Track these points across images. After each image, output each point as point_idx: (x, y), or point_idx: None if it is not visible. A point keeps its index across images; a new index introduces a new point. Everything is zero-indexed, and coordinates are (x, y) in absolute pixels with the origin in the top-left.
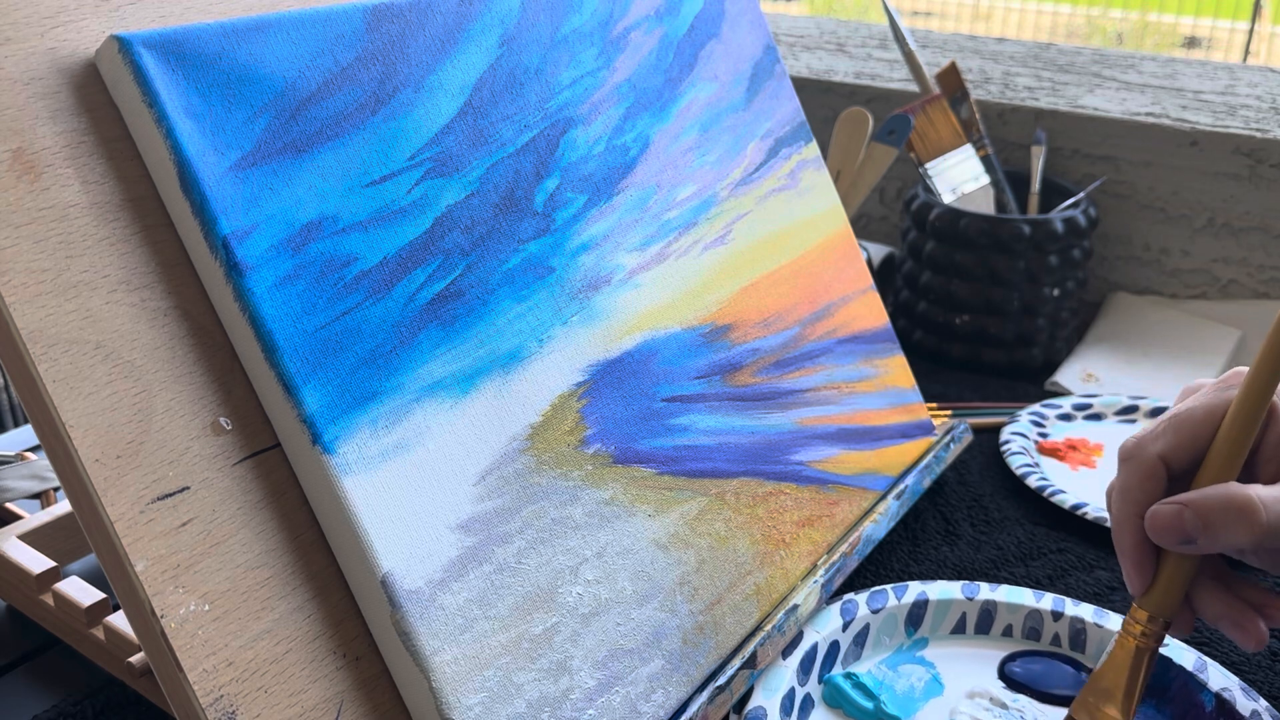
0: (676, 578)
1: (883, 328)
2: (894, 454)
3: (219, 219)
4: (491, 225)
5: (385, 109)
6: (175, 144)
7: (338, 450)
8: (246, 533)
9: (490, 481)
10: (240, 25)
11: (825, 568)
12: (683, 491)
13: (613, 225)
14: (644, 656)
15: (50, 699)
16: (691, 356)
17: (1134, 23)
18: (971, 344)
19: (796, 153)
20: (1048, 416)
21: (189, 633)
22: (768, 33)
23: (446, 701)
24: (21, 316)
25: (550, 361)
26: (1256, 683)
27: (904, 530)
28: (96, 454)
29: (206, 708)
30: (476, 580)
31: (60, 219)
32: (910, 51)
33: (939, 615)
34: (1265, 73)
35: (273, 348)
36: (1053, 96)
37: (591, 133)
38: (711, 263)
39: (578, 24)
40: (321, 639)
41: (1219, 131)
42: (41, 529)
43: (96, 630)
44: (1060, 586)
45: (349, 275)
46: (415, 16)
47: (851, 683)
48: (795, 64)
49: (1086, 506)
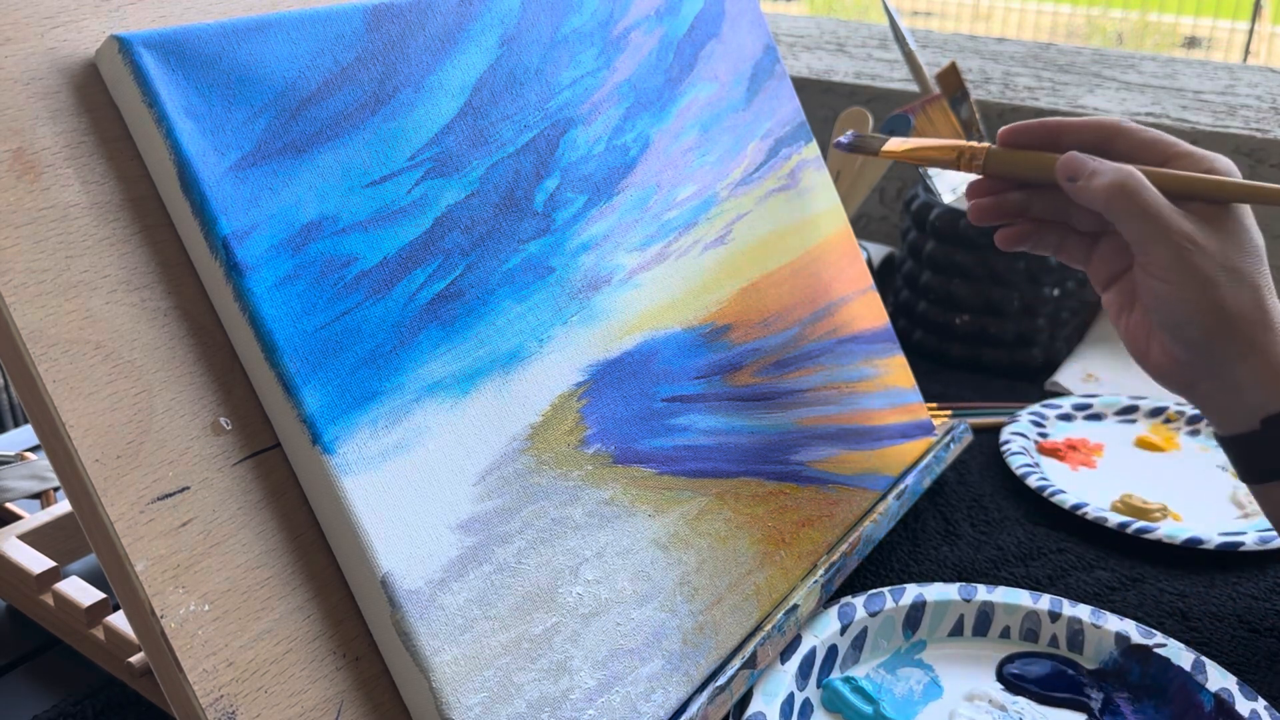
0: (676, 578)
1: (883, 328)
2: (894, 454)
3: (219, 219)
4: (491, 225)
5: (385, 109)
6: (175, 144)
7: (338, 450)
8: (246, 533)
9: (490, 481)
10: (240, 25)
11: (825, 568)
12: (683, 491)
13: (613, 225)
14: (644, 656)
15: (50, 699)
16: (691, 356)
17: (1134, 23)
18: (971, 344)
19: (796, 153)
20: (1048, 416)
21: (189, 633)
22: (768, 33)
23: (446, 701)
24: (21, 316)
25: (550, 361)
26: (1255, 683)
27: (904, 530)
28: (96, 454)
29: (206, 708)
30: (476, 580)
31: (60, 219)
32: (910, 51)
33: (936, 617)
34: (1265, 73)
35: (273, 348)
36: (1053, 96)
37: (591, 133)
38: (711, 263)
39: (578, 24)
40: (321, 639)
41: (1219, 131)
42: (41, 529)
43: (96, 630)
44: (1060, 587)
45: (349, 275)
46: (415, 16)
47: (850, 686)
48: (795, 64)
49: (1086, 506)
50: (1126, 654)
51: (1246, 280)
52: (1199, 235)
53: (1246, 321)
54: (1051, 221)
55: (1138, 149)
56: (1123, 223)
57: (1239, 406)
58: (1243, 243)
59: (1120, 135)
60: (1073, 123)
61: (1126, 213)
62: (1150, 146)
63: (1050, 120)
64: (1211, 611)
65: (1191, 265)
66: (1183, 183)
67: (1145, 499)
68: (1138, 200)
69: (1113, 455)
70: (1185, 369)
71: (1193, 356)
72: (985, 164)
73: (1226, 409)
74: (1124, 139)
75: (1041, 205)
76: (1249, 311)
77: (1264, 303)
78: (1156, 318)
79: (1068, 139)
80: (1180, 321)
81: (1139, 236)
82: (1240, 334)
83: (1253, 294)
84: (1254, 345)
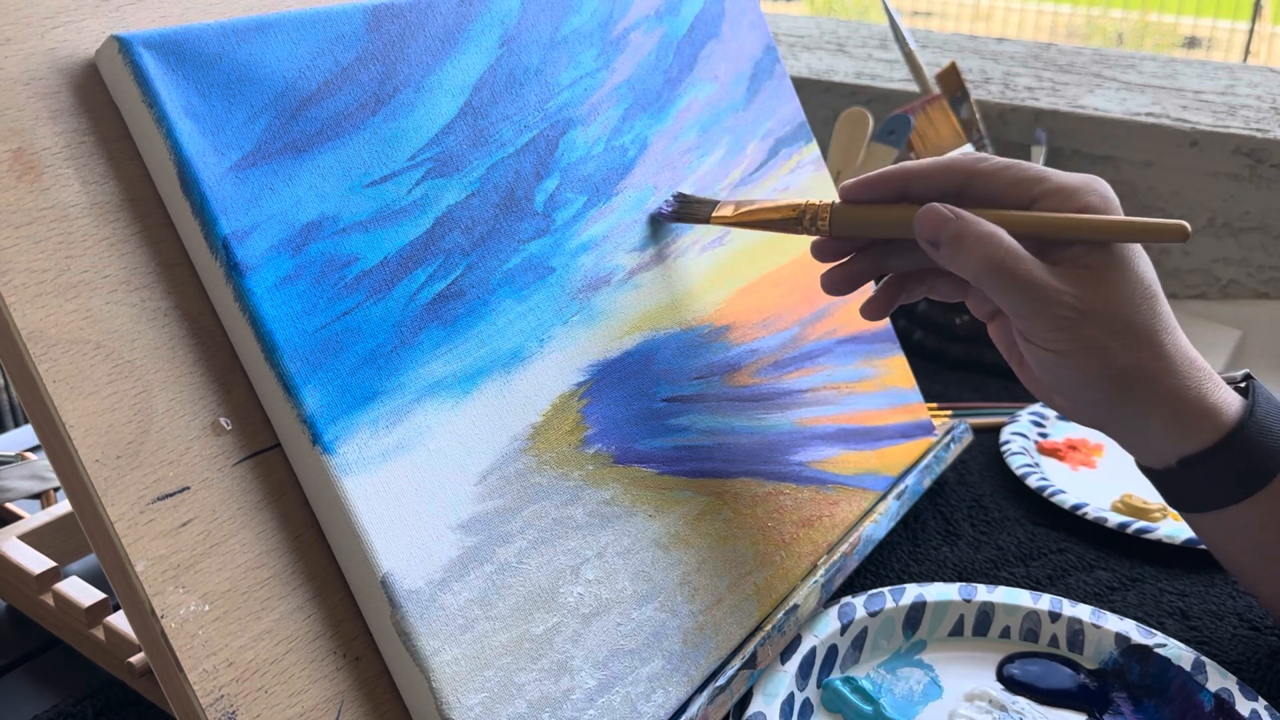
0: (677, 578)
1: (882, 328)
2: (894, 454)
3: (219, 219)
4: (492, 225)
5: (385, 109)
6: (175, 144)
7: (338, 450)
8: (246, 533)
9: (491, 481)
10: (240, 25)
11: (825, 568)
12: (683, 492)
13: (612, 225)
14: (644, 656)
15: (50, 699)
16: (691, 357)
17: (1134, 23)
18: (971, 344)
19: (796, 153)
20: (1048, 416)
21: (189, 633)
22: (768, 33)
23: (446, 701)
24: (21, 316)
25: (551, 361)
26: (1255, 682)
27: (904, 530)
28: (96, 454)
29: (206, 708)
30: (477, 580)
31: (60, 219)
32: (910, 51)
33: (936, 617)
34: (1265, 73)
35: (273, 348)
36: (1053, 96)
37: (591, 133)
38: (711, 263)
39: (578, 24)
40: (321, 639)
41: (1219, 131)
42: (41, 529)
43: (96, 630)
44: (1060, 587)
45: (349, 275)
46: (415, 17)
47: (850, 687)
48: (795, 64)
49: (1086, 506)
50: (1126, 654)
51: (1141, 335)
52: (1082, 301)
53: (1147, 376)
54: (916, 271)
55: (1000, 191)
56: (996, 296)
57: (1154, 450)
58: (1132, 292)
59: (975, 178)
60: (922, 167)
61: (998, 289)
62: (1014, 187)
63: (895, 169)
64: (1211, 611)
65: (1078, 336)
66: (1056, 227)
67: (1145, 499)
68: (1008, 275)
69: (1113, 455)
70: (1089, 417)
71: (1094, 411)
72: (831, 224)
73: (1141, 450)
74: (980, 181)
75: (900, 259)
76: (1149, 365)
77: (1163, 351)
78: (1047, 381)
79: (918, 187)
80: (1074, 385)
81: (1016, 311)
82: (1141, 390)
83: (1150, 347)
84: (1157, 396)
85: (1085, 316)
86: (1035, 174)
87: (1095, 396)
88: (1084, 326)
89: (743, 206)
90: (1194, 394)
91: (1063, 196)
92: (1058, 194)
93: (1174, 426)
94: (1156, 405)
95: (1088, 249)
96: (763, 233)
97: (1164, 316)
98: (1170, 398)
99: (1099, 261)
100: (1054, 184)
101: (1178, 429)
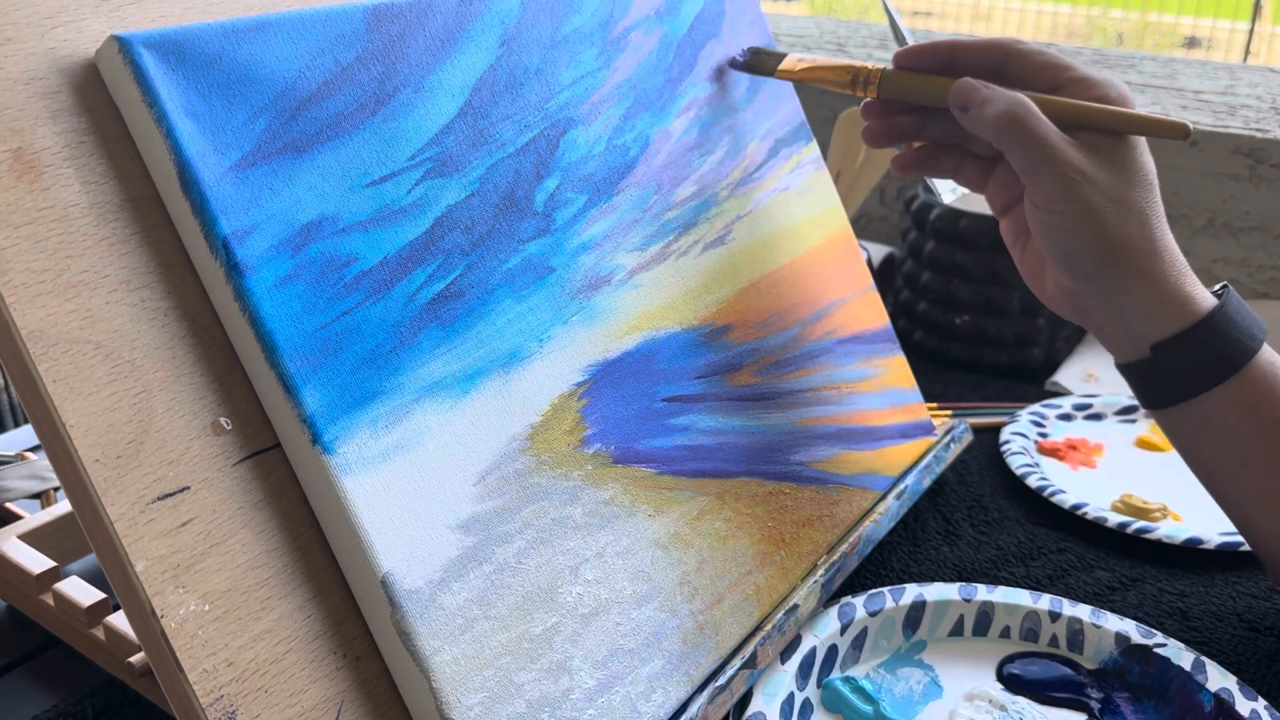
0: (676, 578)
1: (883, 328)
2: (894, 454)
3: (219, 219)
4: (492, 225)
5: (385, 109)
6: (175, 144)
7: (338, 450)
8: (246, 533)
9: (490, 481)
10: (240, 25)
11: (825, 568)
12: (683, 491)
13: (613, 225)
14: (644, 656)
15: (50, 699)
16: (691, 356)
17: (1134, 23)
18: (972, 344)
19: (796, 153)
20: (1048, 416)
21: (189, 633)
22: (768, 33)
23: (446, 701)
24: (21, 316)
25: (550, 361)
26: (1255, 682)
27: (904, 530)
28: (96, 454)
29: (206, 708)
30: (476, 580)
31: (60, 219)
32: None
33: (936, 617)
34: (1265, 73)
35: (273, 348)
36: None
37: (591, 133)
38: (711, 263)
39: (578, 24)
40: (321, 639)
41: (1219, 131)
42: (41, 529)
43: (96, 630)
44: (1060, 587)
45: (349, 275)
46: (415, 16)
47: (850, 686)
48: None
49: (1086, 506)
50: (1126, 654)
51: (1135, 211)
52: (1088, 166)
53: (1135, 252)
54: (947, 145)
55: (1031, 73)
56: (1011, 152)
57: (1130, 335)
58: (1133, 173)
59: (1014, 57)
60: (969, 43)
61: (1015, 142)
62: (1044, 70)
63: (945, 41)
64: (1211, 611)
65: (1079, 197)
66: (1075, 111)
67: (1145, 499)
68: (1026, 130)
69: (1113, 455)
70: (1076, 298)
71: (1083, 286)
72: (879, 86)
73: (1119, 337)
74: (1017, 61)
75: (936, 128)
76: (1137, 242)
77: (1152, 232)
78: (1046, 248)
79: (963, 60)
80: (1069, 253)
81: (1027, 166)
82: (1129, 265)
83: (1141, 225)
84: (1142, 275)
85: (1087, 179)
86: (1064, 62)
87: (1085, 266)
88: (1085, 188)
89: (803, 63)
90: (1173, 281)
91: (1085, 86)
92: (1081, 82)
93: (1151, 309)
94: (1138, 284)
95: (1099, 135)
96: (764, 233)
97: (1156, 205)
98: (1151, 280)
99: (1107, 144)
100: (1079, 73)
101: (1154, 312)
